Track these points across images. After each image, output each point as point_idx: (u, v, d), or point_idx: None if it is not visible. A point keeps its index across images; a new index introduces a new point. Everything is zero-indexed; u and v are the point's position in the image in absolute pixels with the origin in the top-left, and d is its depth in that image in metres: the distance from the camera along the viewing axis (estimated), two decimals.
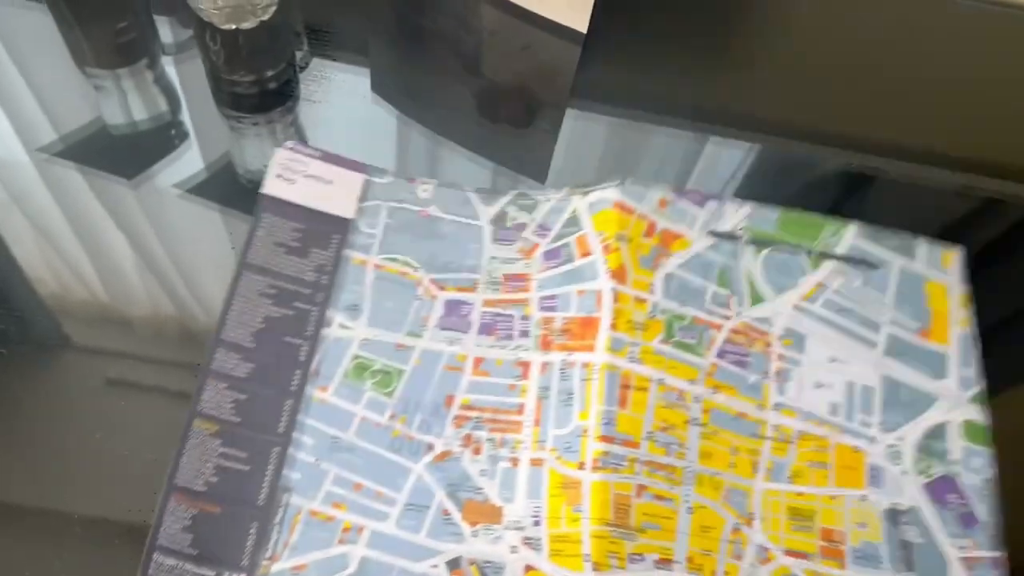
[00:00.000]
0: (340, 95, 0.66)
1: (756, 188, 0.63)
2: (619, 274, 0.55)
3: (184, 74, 0.66)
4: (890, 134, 0.68)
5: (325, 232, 0.57)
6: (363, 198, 0.59)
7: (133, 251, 0.59)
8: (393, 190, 0.59)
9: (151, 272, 0.58)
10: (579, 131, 0.66)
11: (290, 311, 0.54)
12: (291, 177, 0.59)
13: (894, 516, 0.51)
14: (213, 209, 0.60)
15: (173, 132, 0.64)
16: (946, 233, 0.61)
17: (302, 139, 0.64)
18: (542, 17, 0.68)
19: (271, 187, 0.58)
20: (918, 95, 0.70)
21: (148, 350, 0.55)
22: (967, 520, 0.51)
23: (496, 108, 0.66)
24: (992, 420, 0.54)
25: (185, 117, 0.64)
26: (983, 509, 0.51)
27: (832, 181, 0.65)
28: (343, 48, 0.68)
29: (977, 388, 0.55)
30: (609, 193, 0.58)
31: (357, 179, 0.59)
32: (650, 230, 0.57)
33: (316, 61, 0.67)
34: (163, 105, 0.65)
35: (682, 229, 0.58)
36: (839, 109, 0.69)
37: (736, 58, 0.71)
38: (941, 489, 0.52)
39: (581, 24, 0.67)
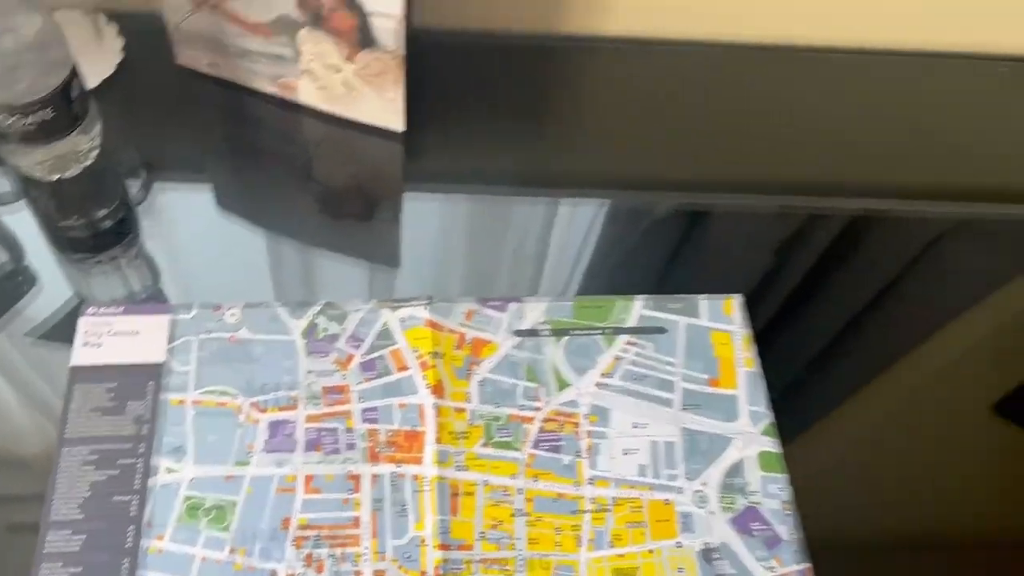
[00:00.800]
0: (184, 219, 0.60)
1: (586, 240, 0.62)
2: (438, 389, 0.52)
3: (22, 221, 0.59)
4: (704, 172, 0.66)
5: (139, 382, 0.51)
6: (172, 338, 0.53)
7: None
8: (200, 322, 0.53)
9: (35, 414, 0.52)
10: (422, 212, 0.63)
11: (115, 470, 0.48)
12: (97, 341, 0.52)
13: (707, 555, 0.49)
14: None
15: (20, 279, 0.57)
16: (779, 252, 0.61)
17: (152, 269, 0.58)
18: (360, 123, 0.64)
19: (79, 357, 0.52)
20: (722, 136, 0.68)
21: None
22: (772, 542, 0.49)
23: (337, 207, 0.62)
24: (784, 444, 0.53)
25: (30, 263, 0.57)
26: (785, 529, 0.49)
27: (662, 222, 0.64)
28: (182, 172, 0.63)
29: (767, 421, 0.53)
30: (419, 311, 0.54)
31: (163, 321, 0.53)
32: (460, 342, 0.54)
33: (157, 186, 0.61)
34: (3, 256, 0.58)
35: (489, 335, 0.54)
36: (648, 157, 0.67)
37: (550, 124, 0.68)
38: (745, 520, 0.50)
39: (397, 123, 0.63)
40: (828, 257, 0.63)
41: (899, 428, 0.57)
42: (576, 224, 0.63)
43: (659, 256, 0.62)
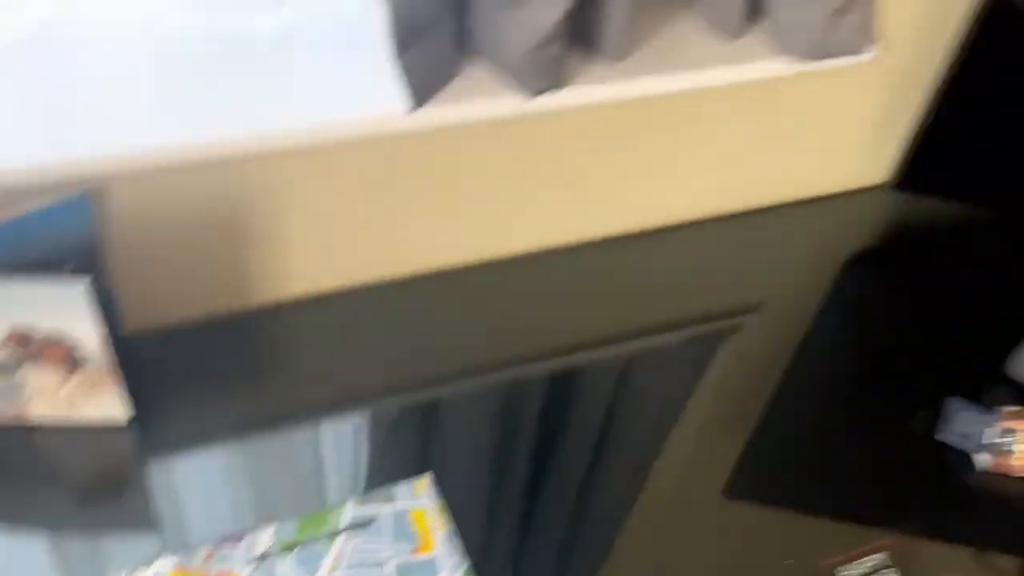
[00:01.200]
0: None
1: (308, 462, 0.71)
2: None
3: None
4: (398, 381, 0.78)
5: None
6: None
7: None
8: None
9: None
10: (162, 477, 0.69)
11: None
12: None
13: None
14: None
15: None
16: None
17: None
18: (85, 424, 0.71)
19: None
20: (406, 348, 0.82)
21: None
22: None
23: (85, 497, 0.68)
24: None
25: None
26: None
27: (372, 429, 0.75)
28: None
29: (464, 567, 0.66)
30: (165, 565, 0.63)
31: None
32: None
33: None
34: None
35: (228, 568, 0.64)
36: (347, 382, 0.78)
37: (256, 376, 0.78)
38: None
39: (121, 417, 0.71)
40: (527, 416, 0.77)
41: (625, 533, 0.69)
42: (300, 451, 0.73)
43: (372, 456, 0.73)
